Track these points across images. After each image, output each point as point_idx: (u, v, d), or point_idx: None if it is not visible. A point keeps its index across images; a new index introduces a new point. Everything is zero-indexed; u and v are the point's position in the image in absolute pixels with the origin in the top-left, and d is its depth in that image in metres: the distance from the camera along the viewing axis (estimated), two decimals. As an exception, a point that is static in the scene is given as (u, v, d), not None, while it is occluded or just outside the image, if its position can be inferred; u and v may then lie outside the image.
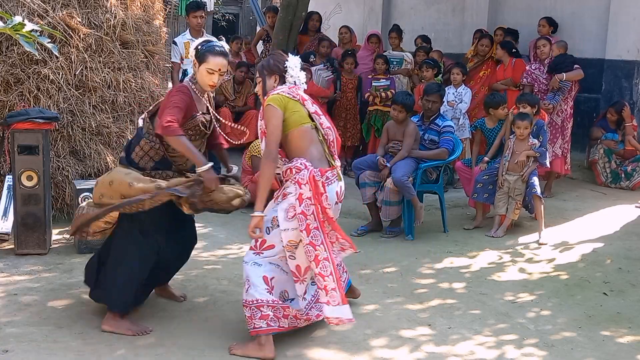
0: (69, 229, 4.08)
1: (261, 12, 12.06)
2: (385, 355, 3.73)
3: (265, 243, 3.73)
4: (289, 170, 3.74)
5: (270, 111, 3.74)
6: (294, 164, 3.74)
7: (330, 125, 3.94)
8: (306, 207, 3.64)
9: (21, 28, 2.52)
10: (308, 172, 3.67)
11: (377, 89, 8.12)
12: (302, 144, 3.79)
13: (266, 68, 3.92)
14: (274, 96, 3.78)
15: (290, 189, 3.72)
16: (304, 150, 3.78)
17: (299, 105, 3.82)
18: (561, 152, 7.57)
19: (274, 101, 3.75)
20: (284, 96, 3.78)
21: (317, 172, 3.69)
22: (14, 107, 5.70)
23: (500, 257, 5.52)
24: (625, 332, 4.11)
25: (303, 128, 3.80)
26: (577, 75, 7.48)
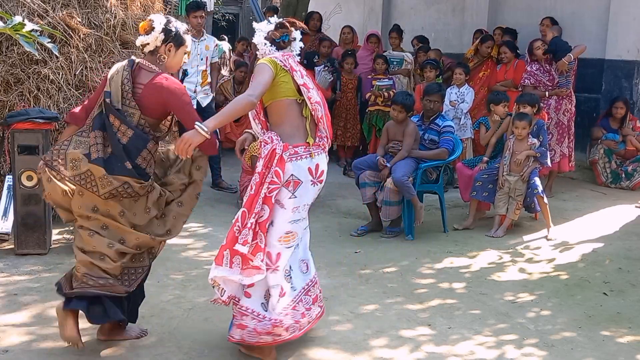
0: None
1: (261, 12, 12.08)
2: (385, 355, 3.73)
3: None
4: (260, 144, 3.58)
5: (263, 67, 3.54)
6: (263, 137, 3.59)
7: (319, 100, 3.71)
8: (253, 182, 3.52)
9: (21, 28, 2.52)
10: (271, 146, 3.50)
11: (380, 88, 8.12)
12: (279, 118, 3.63)
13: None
14: (267, 58, 3.61)
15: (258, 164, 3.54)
16: (280, 123, 3.62)
17: (288, 76, 3.61)
18: (567, 152, 7.61)
19: (268, 61, 3.57)
20: (276, 62, 3.59)
21: (280, 147, 3.49)
22: (14, 107, 5.70)
23: (500, 257, 5.52)
24: (625, 332, 4.11)
25: (285, 101, 3.61)
26: (581, 50, 7.54)
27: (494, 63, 8.31)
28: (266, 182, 3.47)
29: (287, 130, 3.60)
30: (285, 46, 3.74)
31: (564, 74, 7.51)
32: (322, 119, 3.70)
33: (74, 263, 4.95)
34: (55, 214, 5.74)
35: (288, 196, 3.54)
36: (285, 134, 3.59)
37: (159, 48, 3.65)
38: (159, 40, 3.64)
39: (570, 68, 7.53)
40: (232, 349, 3.73)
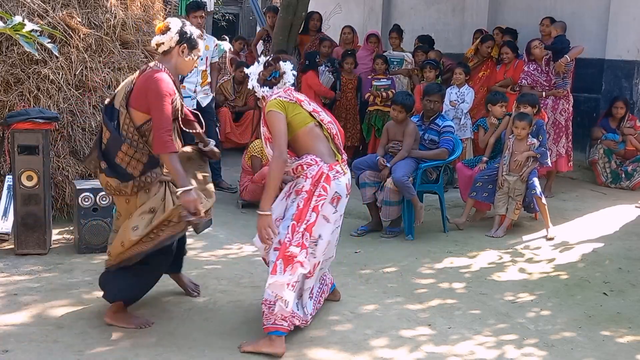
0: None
1: (261, 12, 12.06)
2: (385, 355, 3.73)
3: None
4: (299, 167, 3.87)
5: (274, 116, 3.82)
6: (304, 160, 3.87)
7: (331, 119, 4.06)
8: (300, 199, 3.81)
9: (21, 28, 2.53)
10: (318, 167, 3.83)
11: (379, 88, 8.12)
12: (309, 142, 3.91)
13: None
14: (273, 101, 3.87)
15: (302, 183, 3.84)
16: (311, 147, 3.90)
17: (297, 107, 3.91)
18: (565, 151, 7.59)
19: (274, 106, 3.84)
20: (280, 100, 3.87)
21: (326, 167, 3.84)
22: (14, 107, 5.70)
23: (500, 257, 5.52)
24: (625, 332, 4.11)
25: (308, 127, 3.91)
26: (579, 51, 7.52)
27: (494, 63, 8.31)
28: (315, 195, 3.81)
29: (320, 152, 3.92)
30: (277, 82, 3.97)
31: (561, 75, 7.52)
32: (337, 135, 4.03)
33: (74, 263, 4.98)
34: (56, 214, 5.77)
35: (332, 211, 3.89)
36: (324, 155, 3.92)
37: (172, 49, 3.82)
38: (173, 41, 3.81)
39: (567, 69, 7.53)
40: (232, 349, 3.73)
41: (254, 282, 4.78)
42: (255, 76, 3.98)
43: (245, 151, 7.00)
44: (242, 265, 5.12)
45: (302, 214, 3.77)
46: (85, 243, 5.18)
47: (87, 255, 5.16)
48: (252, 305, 4.34)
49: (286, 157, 3.79)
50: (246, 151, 6.97)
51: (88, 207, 5.18)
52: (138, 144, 3.75)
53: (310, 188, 3.79)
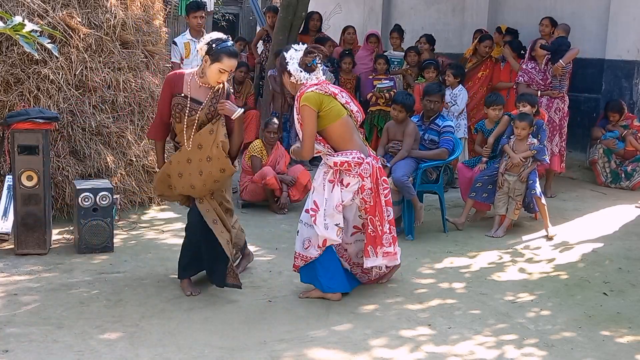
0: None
1: (261, 12, 12.06)
2: (385, 355, 3.73)
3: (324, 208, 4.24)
4: (347, 164, 4.18)
5: (306, 112, 4.09)
6: (352, 158, 4.19)
7: (358, 109, 4.37)
8: (367, 196, 4.26)
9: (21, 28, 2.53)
10: (370, 166, 4.23)
11: (381, 90, 8.12)
12: (345, 134, 4.19)
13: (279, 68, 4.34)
14: (308, 95, 4.09)
15: (350, 180, 4.22)
16: (347, 140, 4.20)
17: (332, 99, 4.13)
18: (558, 150, 7.58)
19: (309, 100, 4.09)
20: (317, 93, 4.09)
21: (373, 160, 4.28)
22: (14, 107, 5.70)
23: (500, 257, 5.52)
24: (625, 332, 4.11)
25: (343, 119, 4.16)
26: (574, 54, 7.53)
27: (493, 63, 8.30)
28: (381, 191, 4.30)
29: (359, 146, 4.27)
30: (315, 68, 4.23)
31: (558, 78, 7.52)
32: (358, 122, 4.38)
33: (74, 263, 4.98)
34: (56, 214, 5.77)
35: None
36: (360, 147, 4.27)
37: (204, 57, 4.19)
38: (203, 50, 4.18)
39: (565, 72, 7.53)
40: (232, 349, 3.73)
41: (254, 282, 4.78)
42: (296, 60, 4.21)
43: (245, 151, 7.00)
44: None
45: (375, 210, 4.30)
46: (85, 243, 5.18)
47: (87, 255, 5.16)
48: (252, 305, 4.34)
49: (312, 153, 4.19)
50: (246, 151, 6.96)
51: (88, 207, 5.17)
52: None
53: (372, 185, 4.24)
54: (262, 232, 5.98)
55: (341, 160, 4.17)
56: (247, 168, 6.83)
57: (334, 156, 4.22)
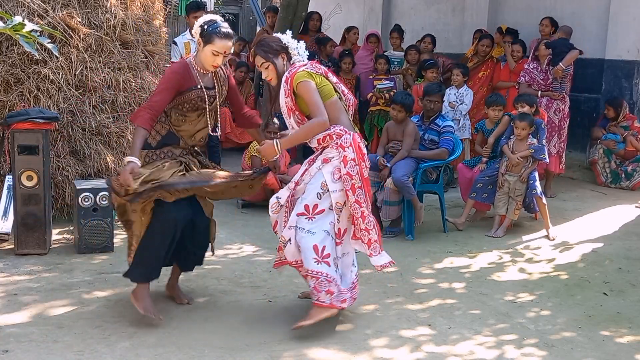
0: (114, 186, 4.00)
1: (261, 12, 12.05)
2: (385, 355, 3.73)
3: (317, 207, 3.91)
4: (328, 137, 3.94)
5: (307, 86, 3.91)
6: (333, 130, 3.94)
7: (348, 90, 4.21)
8: (351, 168, 3.91)
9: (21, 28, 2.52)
10: (350, 136, 3.94)
11: (381, 90, 8.12)
12: (334, 114, 3.98)
13: (270, 51, 4.03)
14: (302, 73, 3.94)
15: (332, 153, 3.94)
16: (337, 119, 3.99)
17: (324, 78, 4.02)
18: (556, 151, 7.57)
19: (305, 76, 3.93)
20: (309, 72, 3.97)
21: (357, 136, 3.99)
22: (14, 107, 5.69)
23: (500, 257, 5.52)
24: (625, 332, 4.11)
25: (333, 100, 4.00)
26: (574, 56, 7.52)
27: (494, 63, 8.30)
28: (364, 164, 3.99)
29: (346, 124, 4.02)
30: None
31: (558, 80, 7.52)
32: (351, 107, 4.21)
33: (74, 263, 4.98)
34: (56, 214, 5.77)
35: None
36: (348, 127, 4.03)
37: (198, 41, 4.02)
38: (197, 34, 4.02)
39: (565, 74, 7.53)
40: (232, 349, 3.73)
41: (254, 282, 4.78)
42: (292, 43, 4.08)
43: (246, 151, 7.00)
44: (242, 265, 5.12)
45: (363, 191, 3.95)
46: (85, 243, 5.18)
47: (87, 255, 5.16)
48: (252, 306, 4.34)
49: (327, 122, 3.90)
50: (246, 151, 6.97)
51: (88, 207, 5.18)
52: (161, 117, 4.02)
53: (354, 156, 3.92)
54: (262, 232, 5.98)
55: (323, 135, 3.94)
56: (247, 168, 6.83)
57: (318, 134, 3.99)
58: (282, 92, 4.00)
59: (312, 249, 3.85)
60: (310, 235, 3.86)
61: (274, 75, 4.05)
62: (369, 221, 3.98)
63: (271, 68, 4.04)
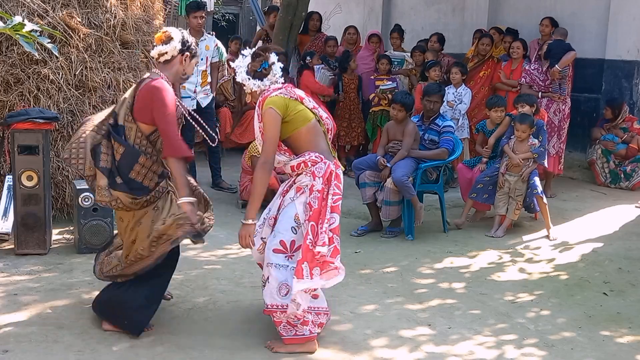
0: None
1: (261, 12, 12.06)
2: (385, 355, 3.73)
3: (294, 244, 3.69)
4: (303, 164, 3.73)
5: (271, 116, 3.67)
6: (309, 157, 3.72)
7: (328, 115, 3.97)
8: (313, 198, 3.65)
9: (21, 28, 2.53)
10: (325, 165, 3.71)
11: (384, 91, 8.12)
12: (312, 138, 3.77)
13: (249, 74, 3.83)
14: (274, 98, 3.70)
15: (305, 180, 3.72)
16: (313, 145, 3.76)
17: (299, 104, 3.77)
18: (555, 152, 7.56)
19: (275, 104, 3.68)
20: (282, 97, 3.72)
21: (333, 165, 3.75)
22: (14, 107, 5.70)
23: (500, 257, 5.52)
24: (625, 332, 4.11)
25: (311, 124, 3.77)
26: (571, 58, 7.51)
27: (495, 63, 8.30)
28: (330, 194, 3.69)
29: (322, 150, 3.78)
30: (267, 73, 3.82)
31: (557, 81, 7.52)
32: (330, 131, 3.93)
33: (74, 263, 4.98)
34: (56, 214, 5.77)
35: None
36: (325, 152, 3.78)
37: (174, 57, 3.84)
38: (176, 50, 3.83)
39: (564, 75, 7.52)
40: (232, 349, 3.73)
41: (254, 282, 4.78)
42: (244, 69, 3.82)
43: (246, 151, 6.99)
44: (242, 265, 5.12)
45: (319, 214, 3.64)
46: (85, 243, 5.18)
47: (87, 255, 5.15)
48: (252, 306, 4.34)
49: (272, 166, 3.70)
50: (246, 151, 6.96)
51: (88, 207, 5.17)
52: (152, 155, 3.75)
53: (322, 187, 3.67)
54: (262, 232, 5.97)
55: (297, 161, 3.73)
56: (247, 168, 6.83)
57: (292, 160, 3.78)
58: (256, 117, 3.80)
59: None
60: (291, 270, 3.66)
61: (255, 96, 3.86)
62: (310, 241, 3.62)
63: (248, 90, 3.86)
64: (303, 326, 3.70)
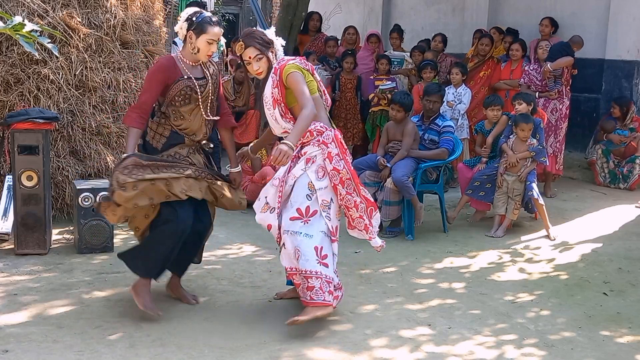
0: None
1: (261, 12, 12.05)
2: (385, 355, 3.73)
3: (309, 210, 3.91)
4: (308, 133, 3.93)
5: (297, 77, 3.90)
6: (314, 126, 3.94)
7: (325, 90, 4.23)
8: (337, 162, 3.94)
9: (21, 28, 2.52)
10: (332, 132, 3.98)
11: (384, 91, 8.11)
12: (316, 109, 3.94)
13: (264, 44, 4.00)
14: (291, 65, 3.95)
15: (314, 151, 3.95)
16: (317, 116, 3.96)
17: (309, 74, 4.03)
18: (552, 151, 7.55)
19: (295, 68, 3.94)
20: (298, 65, 3.97)
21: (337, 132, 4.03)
22: (14, 107, 5.70)
23: (500, 257, 5.52)
24: (625, 332, 4.11)
25: (316, 96, 4.01)
26: (565, 62, 7.51)
27: (495, 63, 8.30)
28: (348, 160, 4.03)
29: (326, 120, 4.07)
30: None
31: (548, 78, 7.52)
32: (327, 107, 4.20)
33: (74, 263, 4.98)
34: (56, 214, 5.77)
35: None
36: (326, 123, 4.06)
37: (185, 36, 4.04)
38: (184, 29, 4.02)
39: (556, 75, 7.52)
40: (232, 349, 3.73)
41: (254, 282, 4.78)
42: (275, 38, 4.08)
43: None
44: (242, 265, 5.12)
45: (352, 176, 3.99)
46: (85, 243, 5.18)
47: (87, 255, 5.16)
48: (252, 305, 4.34)
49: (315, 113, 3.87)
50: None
51: (88, 207, 5.18)
52: (160, 118, 4.10)
53: (338, 151, 3.95)
54: (262, 232, 5.92)
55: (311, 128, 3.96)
56: (247, 168, 6.83)
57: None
58: (270, 83, 3.98)
59: (313, 250, 3.87)
60: (309, 238, 3.88)
61: (266, 68, 4.02)
62: (361, 208, 4.04)
63: (264, 60, 4.01)
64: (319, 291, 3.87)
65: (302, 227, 3.89)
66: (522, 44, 8.10)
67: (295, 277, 3.94)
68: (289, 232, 3.91)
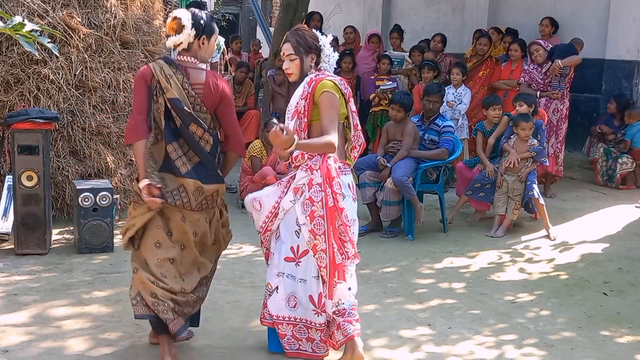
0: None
1: (261, 12, 12.07)
2: (385, 355, 3.73)
3: (300, 249, 3.56)
4: (300, 156, 3.56)
5: (331, 98, 3.50)
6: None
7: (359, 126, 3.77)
8: (314, 193, 3.49)
9: (21, 28, 2.52)
10: (321, 157, 3.52)
11: (384, 91, 8.11)
12: None
13: (303, 46, 3.60)
14: (329, 82, 3.55)
15: (302, 178, 3.55)
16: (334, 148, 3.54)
17: (343, 101, 3.61)
18: (553, 152, 7.55)
19: (333, 88, 3.53)
20: (337, 86, 3.57)
21: (331, 158, 3.54)
22: (14, 107, 5.70)
23: (500, 257, 5.52)
24: (625, 332, 4.11)
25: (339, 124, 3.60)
26: (576, 61, 7.51)
27: (494, 62, 8.30)
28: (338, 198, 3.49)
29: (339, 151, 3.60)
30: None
31: (557, 78, 7.52)
32: (358, 147, 3.73)
33: (74, 263, 4.98)
34: (56, 214, 5.77)
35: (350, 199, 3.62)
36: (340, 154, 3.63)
37: (192, 44, 3.58)
38: (191, 37, 3.56)
39: (564, 72, 7.52)
40: (232, 349, 3.73)
41: (254, 282, 4.78)
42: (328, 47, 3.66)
43: (246, 151, 6.98)
44: (242, 265, 5.12)
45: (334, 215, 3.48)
46: (85, 243, 5.18)
47: (87, 255, 5.16)
48: (252, 305, 4.34)
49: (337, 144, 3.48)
50: (246, 151, 6.96)
51: (88, 207, 5.18)
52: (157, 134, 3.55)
53: (321, 181, 3.49)
54: (262, 232, 5.97)
55: (295, 153, 3.56)
56: (247, 168, 6.83)
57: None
58: (299, 92, 3.60)
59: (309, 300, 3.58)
60: (303, 283, 3.57)
61: (297, 71, 3.62)
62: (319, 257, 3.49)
63: (296, 63, 3.61)
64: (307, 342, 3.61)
65: (295, 271, 3.57)
66: (521, 44, 8.09)
67: (282, 326, 3.60)
68: (284, 274, 3.58)
